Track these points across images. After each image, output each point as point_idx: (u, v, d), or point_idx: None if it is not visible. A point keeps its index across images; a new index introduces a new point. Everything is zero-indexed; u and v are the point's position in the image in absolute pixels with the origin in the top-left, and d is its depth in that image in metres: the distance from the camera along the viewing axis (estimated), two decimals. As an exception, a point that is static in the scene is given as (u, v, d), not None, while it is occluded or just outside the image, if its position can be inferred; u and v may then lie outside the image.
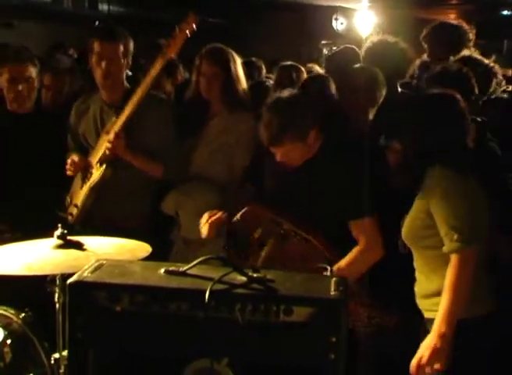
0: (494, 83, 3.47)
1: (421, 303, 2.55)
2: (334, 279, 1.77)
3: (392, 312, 2.80)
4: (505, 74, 4.19)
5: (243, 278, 1.74)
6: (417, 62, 3.96)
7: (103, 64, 3.21)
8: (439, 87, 2.72)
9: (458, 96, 2.50)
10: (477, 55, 3.47)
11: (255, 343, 1.67)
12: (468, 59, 3.31)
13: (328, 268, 1.90)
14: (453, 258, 2.33)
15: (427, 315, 2.50)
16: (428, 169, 2.42)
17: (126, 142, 3.15)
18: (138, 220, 3.32)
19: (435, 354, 2.29)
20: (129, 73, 3.34)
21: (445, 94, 2.55)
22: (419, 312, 2.56)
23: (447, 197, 2.35)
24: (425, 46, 4.04)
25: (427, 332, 2.40)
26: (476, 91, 3.02)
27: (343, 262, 2.65)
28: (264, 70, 5.26)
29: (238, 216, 2.77)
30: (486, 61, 3.44)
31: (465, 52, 3.57)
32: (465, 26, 3.92)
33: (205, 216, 2.87)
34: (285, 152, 2.71)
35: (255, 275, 1.75)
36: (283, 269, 2.50)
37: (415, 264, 2.55)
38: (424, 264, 2.50)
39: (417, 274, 2.56)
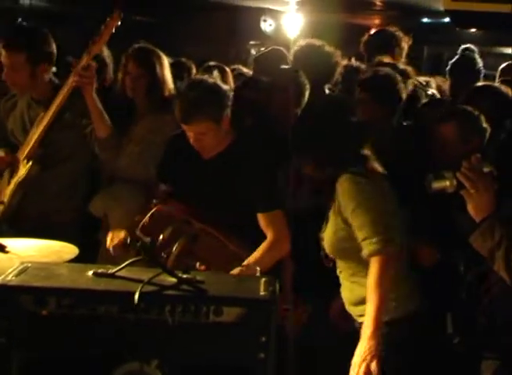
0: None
1: (354, 310, 2.57)
2: (263, 279, 1.79)
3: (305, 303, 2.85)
4: (428, 81, 4.36)
5: (173, 279, 1.74)
6: (343, 66, 4.04)
7: (7, 71, 3.22)
8: (368, 90, 2.82)
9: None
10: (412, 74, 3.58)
11: (185, 344, 1.67)
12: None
13: (258, 269, 1.92)
14: (374, 261, 2.34)
15: (362, 320, 2.50)
16: (337, 179, 2.43)
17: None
18: (67, 218, 3.31)
19: (372, 358, 2.30)
20: (54, 70, 3.31)
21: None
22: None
23: (361, 204, 2.38)
24: (363, 52, 4.15)
25: None
26: (403, 96, 3.11)
27: (251, 259, 2.65)
28: (194, 70, 5.23)
29: (146, 218, 2.73)
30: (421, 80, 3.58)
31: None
32: (400, 33, 4.07)
33: (108, 239, 2.88)
34: (198, 133, 2.72)
35: (185, 276, 1.75)
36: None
37: (341, 273, 2.58)
38: (354, 273, 2.52)
39: (344, 282, 2.59)
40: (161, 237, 2.65)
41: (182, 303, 1.66)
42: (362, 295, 2.46)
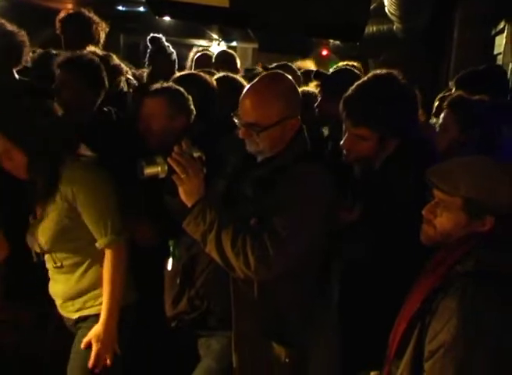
0: (122, 80, 3.67)
1: (69, 305, 2.49)
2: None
3: (26, 309, 2.74)
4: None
5: None
6: (39, 53, 3.80)
7: None
8: (73, 72, 2.87)
9: None
10: (105, 53, 3.53)
11: None
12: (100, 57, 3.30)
13: None
14: (109, 251, 2.37)
15: (79, 314, 2.47)
16: (67, 163, 2.33)
17: None
18: None
19: (107, 347, 2.36)
20: None
21: None
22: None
23: (93, 194, 2.34)
24: (60, 34, 3.97)
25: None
26: (106, 82, 3.04)
27: None
28: None
29: None
30: (116, 61, 3.56)
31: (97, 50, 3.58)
32: (96, 18, 3.98)
33: None
34: None
35: None
36: None
37: (57, 267, 2.46)
38: (73, 265, 2.44)
39: (59, 277, 2.49)
40: None
41: None
42: (83, 288, 2.44)
